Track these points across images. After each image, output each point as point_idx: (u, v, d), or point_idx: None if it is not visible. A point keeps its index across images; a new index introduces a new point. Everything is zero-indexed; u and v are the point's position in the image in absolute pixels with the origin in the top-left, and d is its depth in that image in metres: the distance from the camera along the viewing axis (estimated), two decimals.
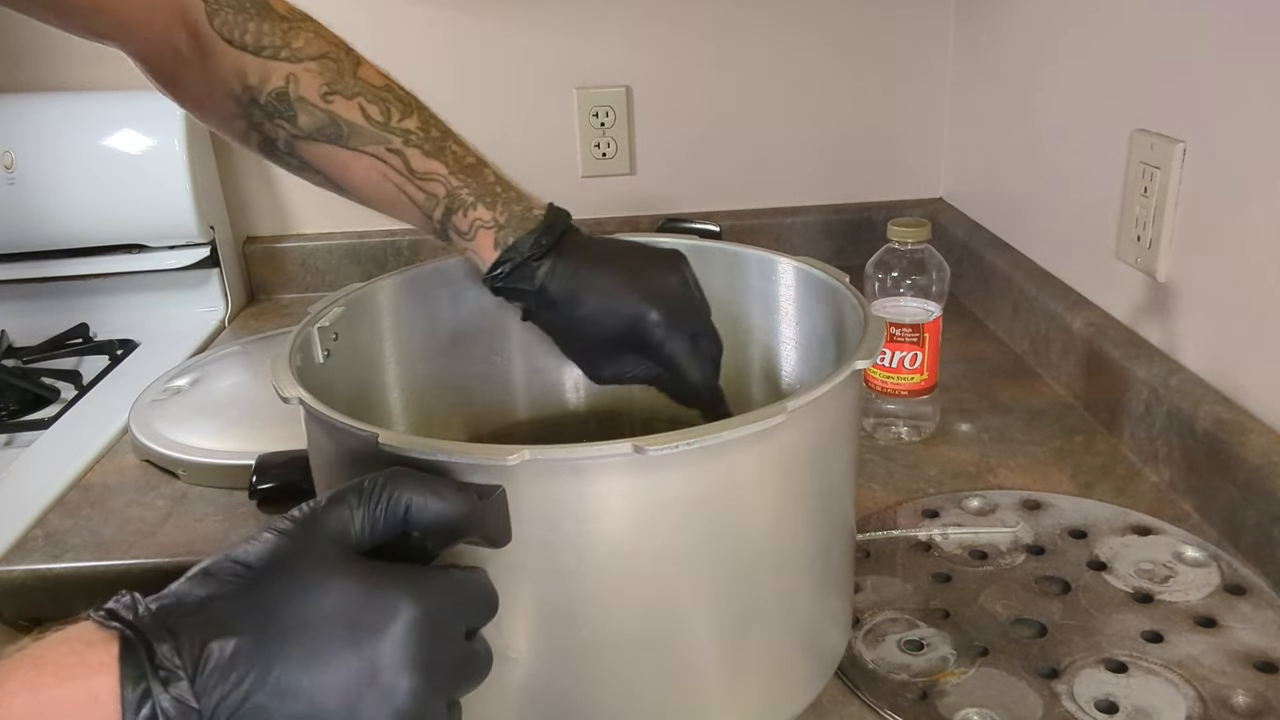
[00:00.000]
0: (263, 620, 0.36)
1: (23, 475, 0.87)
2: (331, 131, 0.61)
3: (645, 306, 0.62)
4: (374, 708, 0.37)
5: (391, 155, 0.61)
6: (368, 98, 0.61)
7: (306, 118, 0.61)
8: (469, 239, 0.63)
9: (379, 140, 0.61)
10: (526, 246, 0.63)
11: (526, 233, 0.63)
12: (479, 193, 0.63)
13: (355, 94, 0.61)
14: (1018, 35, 1.08)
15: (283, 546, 0.39)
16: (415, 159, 0.62)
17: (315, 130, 0.61)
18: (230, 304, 1.24)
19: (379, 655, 0.37)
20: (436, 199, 0.62)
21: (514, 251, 0.62)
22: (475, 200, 0.63)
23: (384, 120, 0.61)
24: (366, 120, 0.61)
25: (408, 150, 0.61)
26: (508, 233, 0.63)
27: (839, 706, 0.58)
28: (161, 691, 0.34)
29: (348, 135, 0.61)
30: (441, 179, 0.62)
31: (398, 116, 0.62)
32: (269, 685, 0.36)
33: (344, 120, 0.61)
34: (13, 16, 0.55)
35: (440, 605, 0.39)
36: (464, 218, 0.63)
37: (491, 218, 0.63)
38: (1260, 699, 0.56)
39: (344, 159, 0.62)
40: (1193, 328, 0.79)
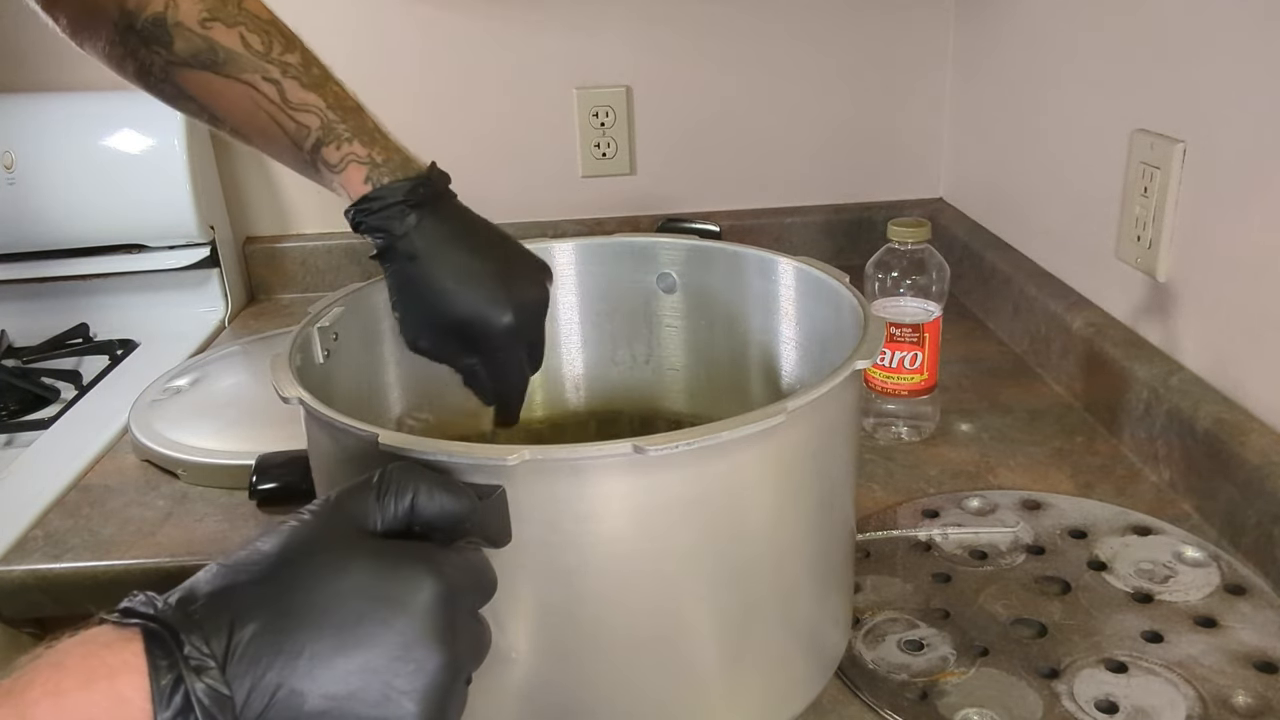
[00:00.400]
0: (288, 604, 0.36)
1: (23, 475, 0.87)
2: (207, 57, 0.59)
3: (503, 310, 0.61)
4: (408, 682, 0.37)
5: (267, 84, 0.60)
6: (249, 27, 0.60)
7: (183, 43, 0.59)
8: (338, 170, 0.61)
9: (256, 69, 0.60)
10: (402, 190, 0.60)
11: (404, 178, 0.61)
12: (355, 131, 0.61)
13: (237, 23, 0.60)
14: (1018, 35, 1.08)
15: (300, 533, 0.39)
16: (291, 90, 0.60)
17: (191, 56, 0.60)
18: (230, 304, 1.24)
19: (408, 630, 0.37)
20: (309, 130, 0.61)
21: (387, 191, 0.60)
22: (351, 137, 0.61)
23: (264, 50, 0.60)
24: (246, 49, 0.60)
25: (285, 80, 0.60)
26: (382, 171, 0.61)
27: (839, 706, 0.58)
28: (195, 680, 0.33)
29: (224, 61, 0.60)
30: (317, 111, 0.61)
31: (279, 49, 0.60)
32: (300, 669, 0.35)
33: (221, 46, 0.59)
34: (13, 17, 0.55)
35: (457, 580, 0.40)
36: (336, 150, 0.61)
37: (367, 154, 0.61)
38: (1260, 699, 0.56)
39: (218, 86, 0.60)
40: (1193, 328, 0.79)
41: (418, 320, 0.63)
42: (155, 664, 0.33)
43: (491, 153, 1.26)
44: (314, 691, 0.36)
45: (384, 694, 0.37)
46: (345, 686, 0.36)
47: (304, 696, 0.35)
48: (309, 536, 0.39)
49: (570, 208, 1.30)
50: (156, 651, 0.34)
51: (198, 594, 0.36)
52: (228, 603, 0.36)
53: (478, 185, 0.63)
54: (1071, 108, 0.96)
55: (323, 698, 0.36)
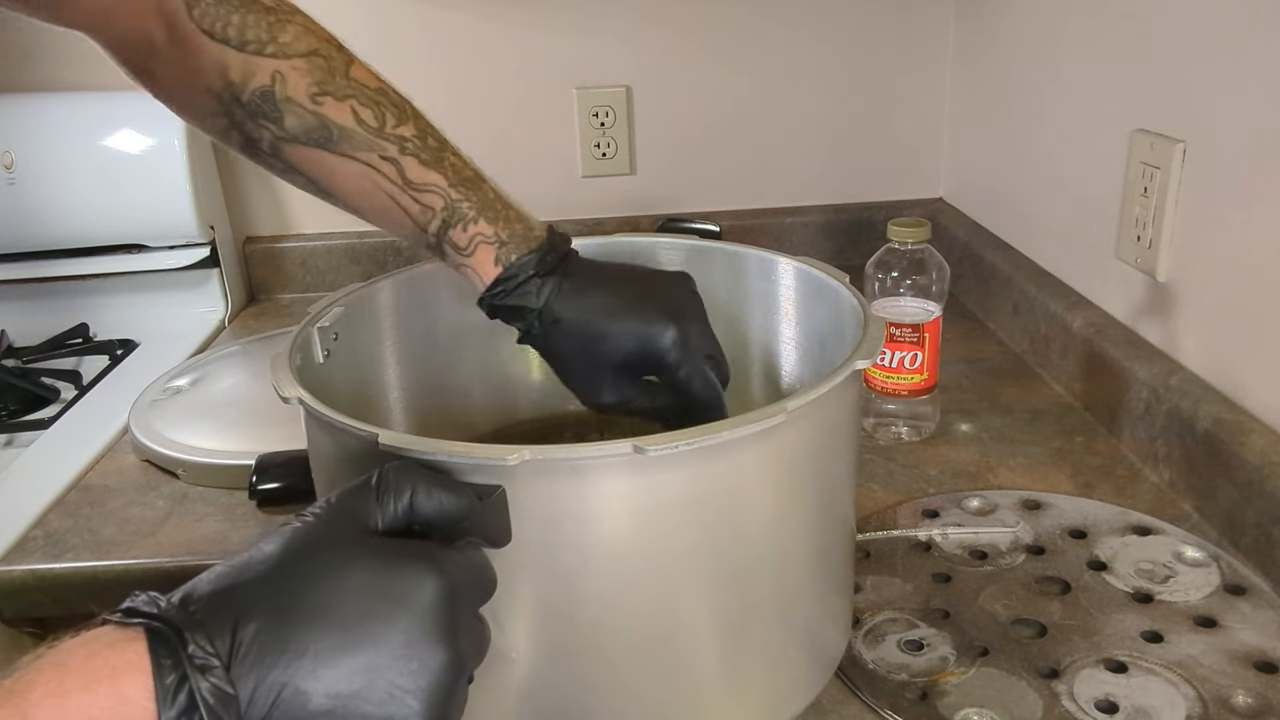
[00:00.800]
0: (291, 603, 0.36)
1: (23, 475, 0.87)
2: (320, 135, 0.57)
3: (663, 324, 0.58)
4: (411, 680, 0.37)
5: (385, 163, 0.58)
6: (361, 100, 0.57)
7: (293, 119, 0.57)
8: (467, 254, 0.60)
9: (372, 147, 0.57)
10: (531, 264, 0.59)
11: (530, 250, 0.59)
12: (480, 207, 0.59)
13: (347, 96, 0.57)
14: (1017, 35, 1.08)
15: (302, 533, 0.39)
16: (411, 168, 0.58)
17: (302, 133, 0.57)
18: (230, 304, 1.24)
19: (411, 628, 0.37)
20: (433, 211, 0.59)
21: (518, 268, 0.59)
22: (477, 215, 0.59)
23: (378, 126, 0.57)
24: (359, 125, 0.57)
25: (403, 159, 0.58)
26: (510, 249, 0.59)
27: (839, 706, 0.58)
28: (200, 679, 0.33)
29: (338, 140, 0.57)
30: (440, 191, 0.59)
31: (393, 122, 0.58)
32: (304, 668, 0.35)
33: (334, 124, 0.57)
34: (13, 16, 0.55)
35: (458, 578, 0.40)
36: (463, 232, 0.59)
37: (494, 233, 0.59)
38: (1260, 699, 0.56)
39: (333, 164, 0.58)
40: (1193, 328, 0.79)
41: (588, 380, 0.61)
42: (159, 663, 0.33)
43: (491, 153, 1.25)
44: (318, 690, 0.36)
45: (388, 692, 0.37)
46: (349, 685, 0.36)
47: (308, 695, 0.35)
48: (310, 536, 0.39)
49: (570, 208, 1.30)
50: (160, 651, 0.34)
51: (201, 594, 0.36)
52: (231, 602, 0.36)
53: None
54: (1071, 108, 0.96)
55: (327, 696, 0.36)
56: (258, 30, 0.56)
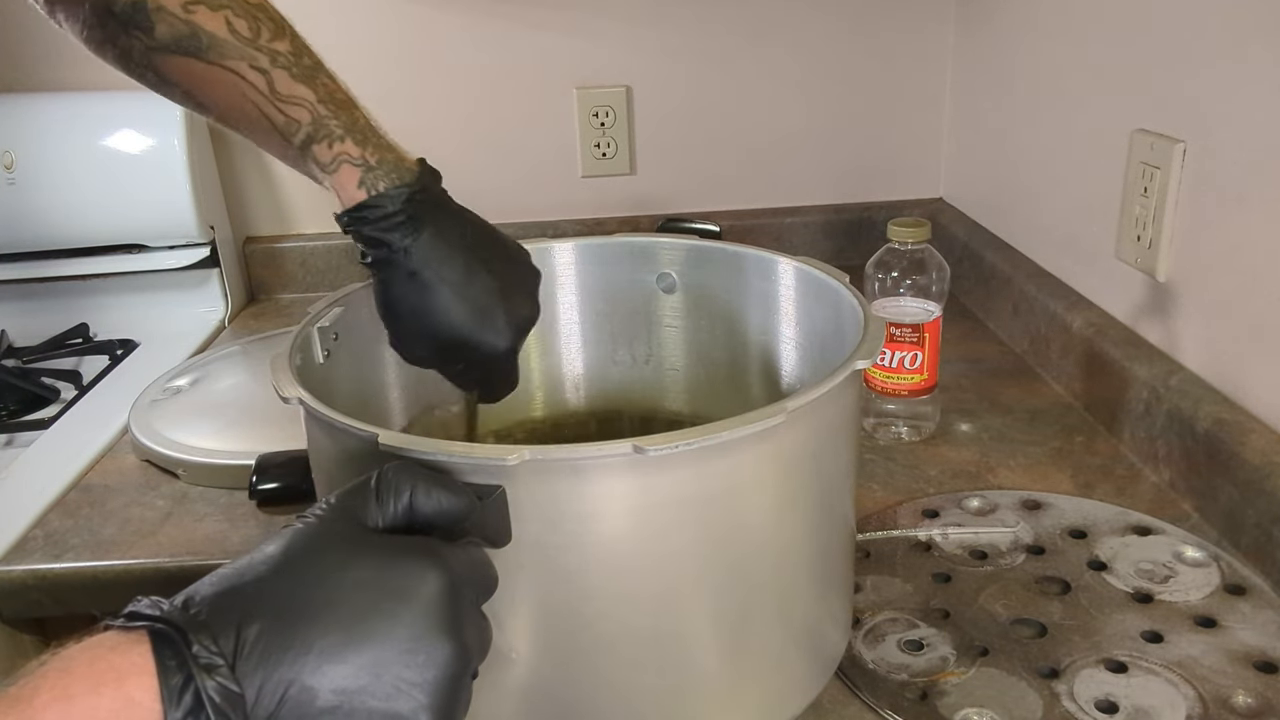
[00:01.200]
0: (295, 601, 0.36)
1: (23, 475, 0.87)
2: (190, 43, 0.56)
3: (501, 335, 0.61)
4: (418, 674, 0.37)
5: (254, 73, 0.57)
6: (236, 11, 0.56)
7: (164, 28, 0.56)
8: (330, 170, 0.59)
9: (243, 56, 0.57)
10: (400, 199, 0.58)
11: (400, 184, 0.58)
12: (348, 127, 0.58)
13: (222, 6, 0.56)
14: (1018, 35, 1.08)
15: (303, 533, 0.39)
16: (281, 80, 0.57)
17: (173, 41, 0.56)
18: (230, 304, 1.24)
19: (416, 622, 0.38)
20: (298, 124, 0.58)
21: (384, 199, 0.58)
22: (344, 134, 0.58)
23: (251, 37, 0.57)
24: (232, 34, 0.56)
25: (274, 70, 0.57)
26: (377, 175, 0.58)
27: (839, 706, 0.58)
28: (206, 679, 0.33)
29: (208, 48, 0.56)
30: (307, 105, 0.58)
31: (268, 35, 0.57)
32: (310, 664, 0.35)
33: (205, 31, 0.56)
34: (13, 17, 0.54)
35: (461, 572, 0.40)
36: (328, 149, 0.58)
37: (360, 155, 0.58)
38: (1260, 699, 0.56)
39: (202, 72, 0.57)
40: (1193, 328, 0.79)
41: (414, 335, 0.62)
42: (164, 664, 0.33)
43: (492, 153, 1.26)
44: (324, 687, 0.35)
45: (395, 687, 0.37)
46: (355, 681, 0.36)
47: (315, 692, 0.35)
48: (311, 536, 0.39)
49: (570, 208, 1.30)
50: (165, 652, 0.33)
51: (203, 595, 0.36)
52: (234, 602, 0.36)
53: (478, 185, 0.63)
54: (1071, 108, 0.96)
55: (333, 692, 0.36)
56: None
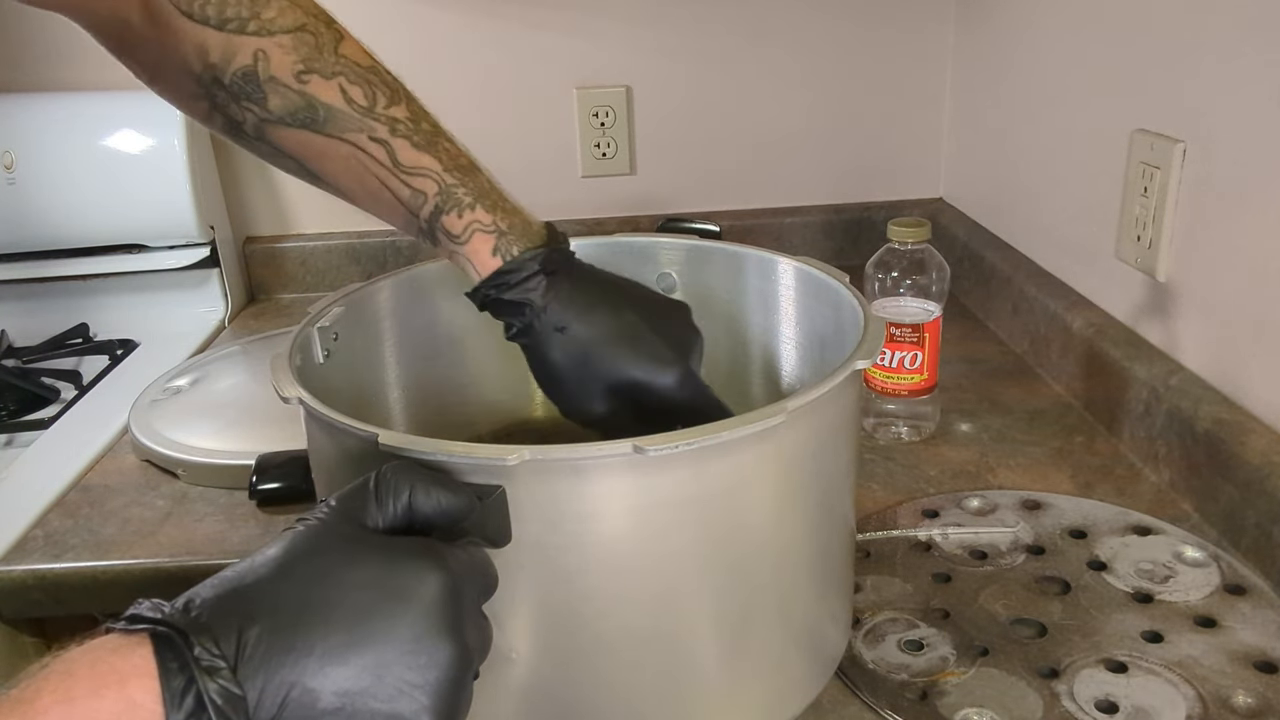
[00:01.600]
0: (296, 603, 0.36)
1: (23, 475, 0.87)
2: (306, 116, 0.54)
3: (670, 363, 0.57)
4: (420, 675, 0.37)
5: (375, 145, 0.55)
6: (349, 78, 0.54)
7: (278, 100, 0.54)
8: (461, 242, 0.57)
9: (361, 128, 0.55)
10: (537, 260, 0.56)
11: (532, 245, 0.57)
12: (476, 195, 0.57)
13: (335, 74, 0.54)
14: (1017, 35, 1.08)
15: (303, 536, 0.39)
16: (403, 151, 0.55)
17: (287, 114, 0.54)
18: (230, 304, 1.24)
19: (417, 623, 0.37)
20: (425, 196, 0.56)
21: (520, 263, 0.56)
22: (474, 202, 0.57)
23: (368, 105, 0.54)
24: (348, 104, 0.54)
25: (394, 140, 0.55)
26: (510, 241, 0.57)
27: (839, 706, 0.58)
28: (208, 681, 0.33)
29: (324, 120, 0.54)
30: (434, 175, 0.56)
31: (384, 102, 0.55)
32: (311, 666, 0.35)
33: (321, 103, 0.54)
34: (13, 16, 0.54)
35: (461, 572, 0.40)
36: (458, 219, 0.57)
37: (492, 222, 0.57)
38: (1260, 699, 0.56)
39: (320, 146, 0.55)
40: (1193, 328, 0.79)
41: (582, 391, 0.58)
42: (165, 667, 0.33)
43: (491, 153, 1.25)
44: (326, 689, 0.35)
45: (397, 688, 0.37)
46: (357, 682, 0.36)
47: (317, 694, 0.35)
48: (312, 538, 0.39)
49: (570, 208, 1.30)
50: (166, 654, 0.33)
51: (204, 598, 0.36)
52: (236, 605, 0.36)
53: None
54: (1071, 108, 0.96)
55: (335, 694, 0.36)
56: (238, 7, 0.53)
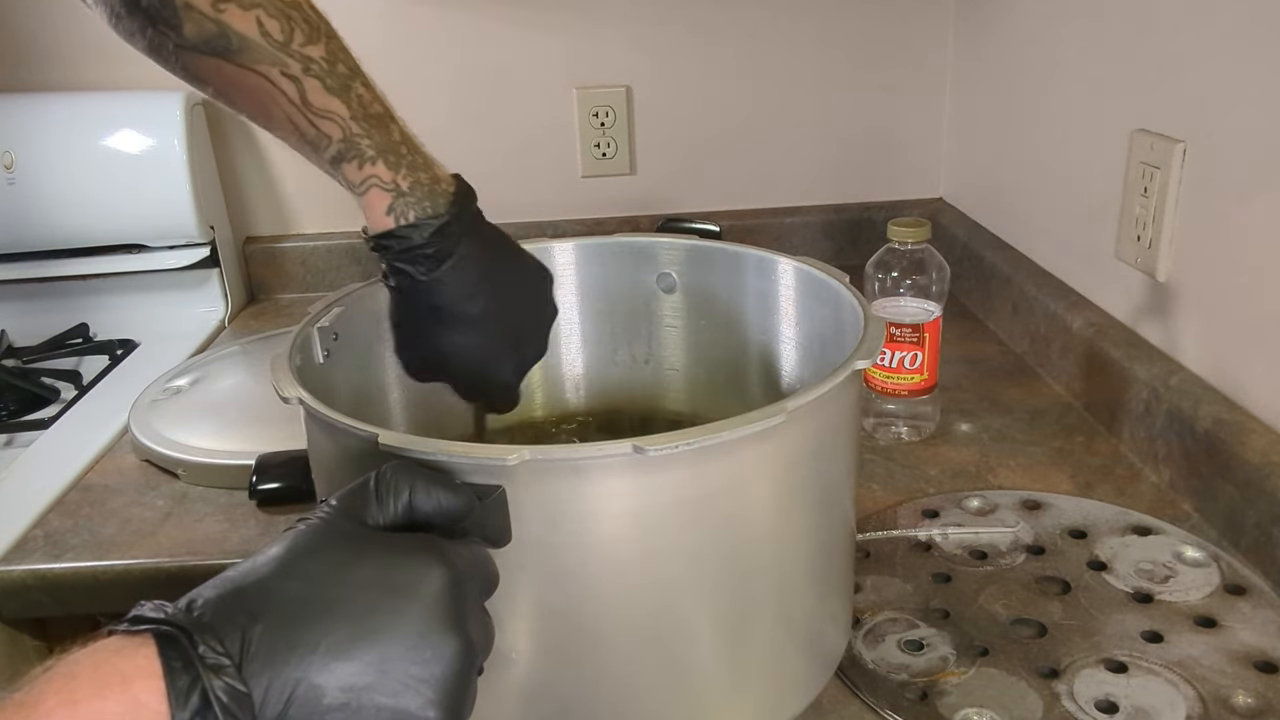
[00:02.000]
0: (300, 600, 0.36)
1: (23, 475, 0.87)
2: (220, 44, 0.53)
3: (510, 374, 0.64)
4: (425, 670, 0.37)
5: (286, 80, 0.54)
6: (268, 10, 0.53)
7: (193, 26, 0.53)
8: (359, 192, 0.57)
9: (274, 61, 0.54)
10: (428, 231, 0.57)
11: (430, 214, 0.57)
12: (381, 147, 0.56)
13: (253, 5, 0.53)
14: (1018, 35, 1.08)
15: (305, 534, 0.39)
16: (313, 90, 0.55)
17: (202, 41, 0.53)
18: (230, 304, 1.24)
19: (421, 617, 0.38)
20: (329, 139, 0.56)
21: (412, 230, 0.57)
22: (376, 155, 0.56)
23: (284, 40, 0.54)
24: (263, 36, 0.53)
25: (306, 80, 0.54)
26: (407, 203, 0.57)
27: (839, 706, 0.58)
28: (213, 679, 0.33)
29: (238, 49, 0.53)
30: (339, 120, 0.56)
31: (301, 39, 0.54)
32: (316, 663, 0.35)
33: (235, 32, 0.53)
34: (12, 17, 0.54)
35: (463, 567, 0.40)
36: (357, 170, 0.56)
37: (391, 179, 0.57)
38: (1260, 699, 0.56)
39: (232, 75, 0.54)
40: (1193, 328, 0.79)
41: (422, 359, 0.63)
42: (170, 666, 0.33)
43: (491, 153, 1.26)
44: (332, 685, 0.35)
45: (402, 683, 0.37)
46: (363, 678, 0.36)
47: (322, 690, 0.35)
48: (314, 536, 0.39)
49: (570, 208, 1.30)
50: (171, 654, 0.33)
51: (207, 598, 0.36)
52: (239, 603, 0.36)
53: (478, 185, 0.63)
54: (1071, 108, 0.96)
55: (341, 690, 0.36)
56: None
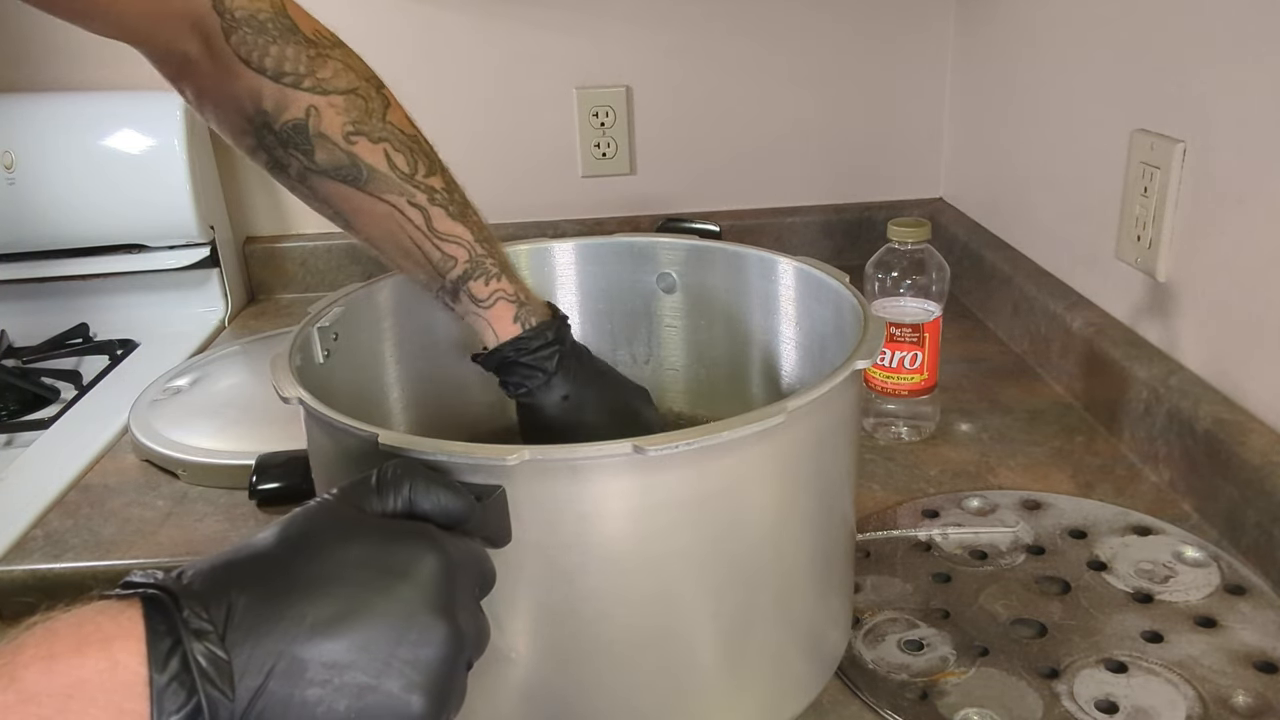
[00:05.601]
0: (290, 574, 0.36)
1: (23, 475, 0.87)
2: (350, 173, 0.58)
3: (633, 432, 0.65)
4: (411, 652, 0.37)
5: (413, 209, 0.59)
6: (394, 145, 0.58)
7: (325, 154, 0.57)
8: (486, 307, 0.62)
9: (401, 192, 0.59)
10: (551, 331, 0.63)
11: (547, 319, 0.64)
12: (501, 266, 0.62)
13: (381, 139, 0.58)
14: (1018, 35, 1.07)
15: (302, 515, 0.39)
16: (439, 219, 0.60)
17: (332, 168, 0.58)
18: (230, 304, 1.24)
19: (411, 598, 0.38)
20: (456, 261, 0.61)
21: (538, 332, 0.62)
22: (500, 272, 0.62)
23: (409, 172, 0.59)
24: (391, 169, 0.58)
25: (432, 208, 0.60)
26: (529, 312, 0.63)
27: (839, 706, 0.58)
28: (194, 643, 0.33)
29: (367, 179, 0.58)
30: (465, 244, 0.61)
31: (424, 171, 0.59)
32: (300, 636, 0.35)
33: (365, 164, 0.58)
34: (12, 17, 0.54)
35: (456, 557, 0.40)
36: (484, 286, 0.62)
37: (515, 293, 0.63)
38: (1260, 699, 0.56)
39: (359, 202, 0.59)
40: (1193, 328, 0.79)
41: None
42: (154, 628, 0.33)
43: (492, 153, 1.26)
44: (315, 660, 0.35)
45: (386, 663, 0.36)
46: (347, 656, 0.36)
47: (305, 664, 0.35)
48: (311, 516, 0.39)
49: (570, 208, 1.30)
50: (155, 617, 0.33)
51: (199, 569, 0.36)
52: (229, 574, 0.36)
53: (478, 185, 0.63)
54: (1071, 108, 0.96)
55: (324, 666, 0.35)
56: (296, 63, 0.56)
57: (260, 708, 0.34)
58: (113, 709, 0.32)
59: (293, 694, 0.35)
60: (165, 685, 0.32)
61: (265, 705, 0.34)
